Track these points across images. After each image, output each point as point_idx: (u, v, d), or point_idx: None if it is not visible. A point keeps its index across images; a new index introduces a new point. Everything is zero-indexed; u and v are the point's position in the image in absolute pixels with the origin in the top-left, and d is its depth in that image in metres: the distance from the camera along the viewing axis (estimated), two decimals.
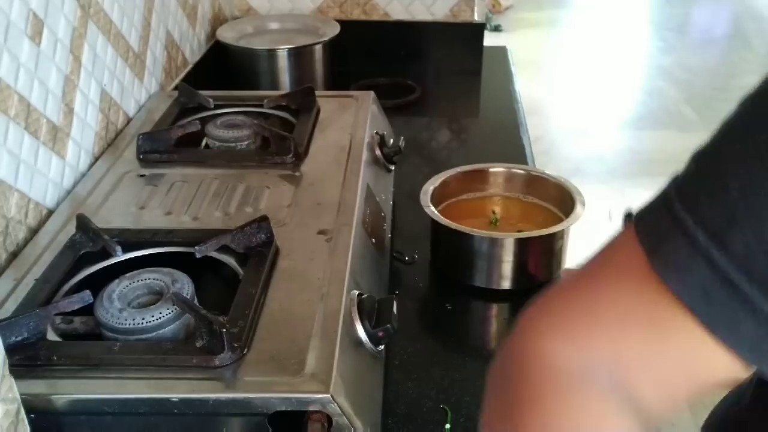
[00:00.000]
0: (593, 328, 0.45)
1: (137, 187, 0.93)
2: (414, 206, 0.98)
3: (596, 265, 0.47)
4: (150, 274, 0.72)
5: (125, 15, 1.15)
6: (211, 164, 0.99)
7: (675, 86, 4.53)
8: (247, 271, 0.74)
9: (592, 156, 3.70)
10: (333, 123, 1.10)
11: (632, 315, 0.43)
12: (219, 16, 1.64)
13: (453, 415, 0.75)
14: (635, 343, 0.43)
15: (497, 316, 0.94)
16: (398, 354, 0.83)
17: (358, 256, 0.80)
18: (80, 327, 0.70)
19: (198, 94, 1.16)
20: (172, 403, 0.60)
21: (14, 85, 0.85)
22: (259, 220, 0.78)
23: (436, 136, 1.42)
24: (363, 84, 1.53)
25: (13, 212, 0.84)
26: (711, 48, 5.32)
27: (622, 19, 5.85)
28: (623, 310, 0.44)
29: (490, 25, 5.12)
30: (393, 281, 0.94)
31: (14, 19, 0.85)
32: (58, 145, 0.95)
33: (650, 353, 0.43)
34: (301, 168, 0.97)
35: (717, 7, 6.24)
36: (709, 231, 0.39)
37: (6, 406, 0.48)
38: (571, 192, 0.99)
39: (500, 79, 1.65)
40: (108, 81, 1.09)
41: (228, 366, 0.63)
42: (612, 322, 0.44)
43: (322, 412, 0.60)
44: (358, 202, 0.88)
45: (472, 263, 0.94)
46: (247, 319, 0.66)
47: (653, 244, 0.42)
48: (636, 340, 0.43)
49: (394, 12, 1.68)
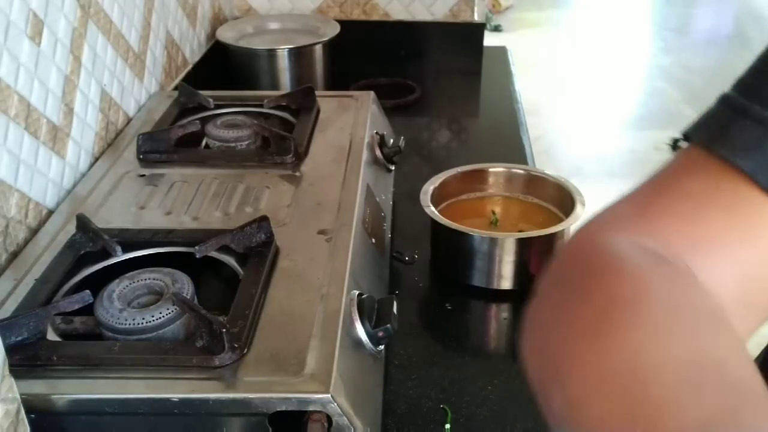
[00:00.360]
0: (669, 219, 0.41)
1: (137, 187, 0.93)
2: (414, 206, 0.98)
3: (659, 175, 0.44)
4: (150, 274, 0.72)
5: (125, 15, 1.15)
6: (211, 164, 0.99)
7: (675, 86, 4.53)
8: (247, 271, 0.74)
9: (592, 156, 3.70)
10: (333, 123, 1.10)
11: (709, 204, 0.41)
12: (219, 16, 1.64)
13: (453, 415, 0.75)
14: (716, 231, 0.40)
15: (497, 316, 0.94)
16: (398, 354, 0.83)
17: (358, 256, 0.80)
18: (80, 327, 0.70)
19: (198, 94, 1.16)
20: (172, 403, 0.60)
21: (14, 85, 0.85)
22: (259, 220, 0.78)
23: (436, 136, 1.42)
24: (363, 84, 1.53)
25: (13, 212, 0.84)
26: (711, 48, 5.32)
27: (622, 19, 5.85)
28: (699, 201, 0.41)
29: (490, 25, 5.12)
30: (393, 281, 0.94)
31: (14, 19, 0.85)
32: (58, 145, 0.95)
33: (724, 236, 0.40)
34: (301, 168, 0.97)
35: (717, 7, 6.23)
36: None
37: (6, 406, 0.48)
38: (571, 192, 0.99)
39: (500, 79, 1.65)
40: (108, 81, 1.09)
41: (228, 366, 0.63)
42: (688, 213, 0.41)
43: (322, 412, 0.60)
44: (358, 202, 0.88)
45: (472, 263, 0.94)
46: (247, 319, 0.66)
47: (715, 136, 0.41)
48: (717, 228, 0.40)
49: (394, 12, 1.68)
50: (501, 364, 0.84)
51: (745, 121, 0.40)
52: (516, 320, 0.93)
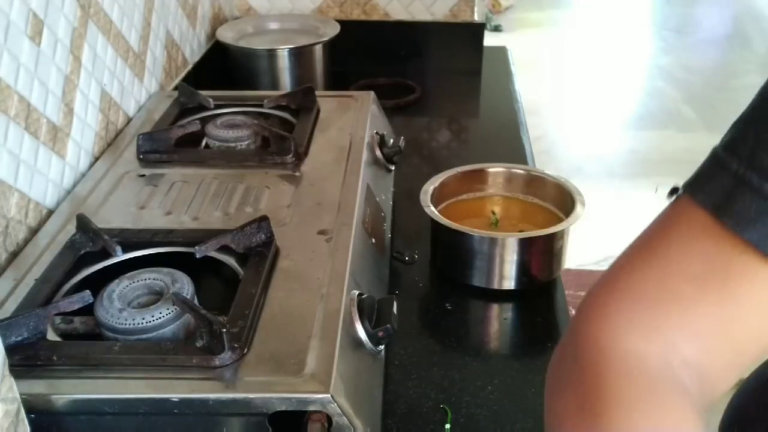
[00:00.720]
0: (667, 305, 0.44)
1: (137, 187, 0.93)
2: (414, 206, 0.98)
3: (655, 237, 0.47)
4: (150, 274, 0.72)
5: (125, 15, 1.15)
6: (211, 164, 0.99)
7: (675, 86, 4.53)
8: (247, 271, 0.74)
9: (592, 156, 3.70)
10: (333, 123, 1.10)
11: (706, 275, 0.44)
12: (219, 16, 1.64)
13: (453, 415, 0.75)
14: (711, 309, 0.44)
15: (497, 316, 0.94)
16: (398, 354, 0.83)
17: (358, 256, 0.80)
18: (80, 327, 0.70)
19: (198, 94, 1.16)
20: (172, 403, 0.60)
21: (14, 85, 0.85)
22: (259, 220, 0.78)
23: (436, 136, 1.42)
24: (363, 84, 1.53)
25: (13, 212, 0.84)
26: (711, 48, 5.32)
27: (622, 19, 5.85)
28: (696, 273, 0.44)
29: (490, 25, 5.12)
30: (393, 281, 0.94)
31: (14, 19, 0.85)
32: (58, 145, 0.95)
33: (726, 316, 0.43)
34: (301, 168, 0.97)
35: (717, 7, 6.23)
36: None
37: (6, 406, 0.48)
38: (571, 192, 0.99)
39: (500, 79, 1.65)
40: (108, 81, 1.09)
41: (228, 366, 0.63)
42: (685, 291, 0.44)
43: (322, 412, 0.60)
44: (358, 202, 0.88)
45: (472, 263, 0.94)
46: (247, 319, 0.66)
47: (719, 203, 0.43)
48: (712, 302, 0.44)
49: (394, 12, 1.68)
50: (501, 364, 0.84)
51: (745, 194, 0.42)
52: (516, 320, 0.93)
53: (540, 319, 0.92)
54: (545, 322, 0.92)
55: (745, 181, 0.42)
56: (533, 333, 0.90)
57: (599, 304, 0.48)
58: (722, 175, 0.43)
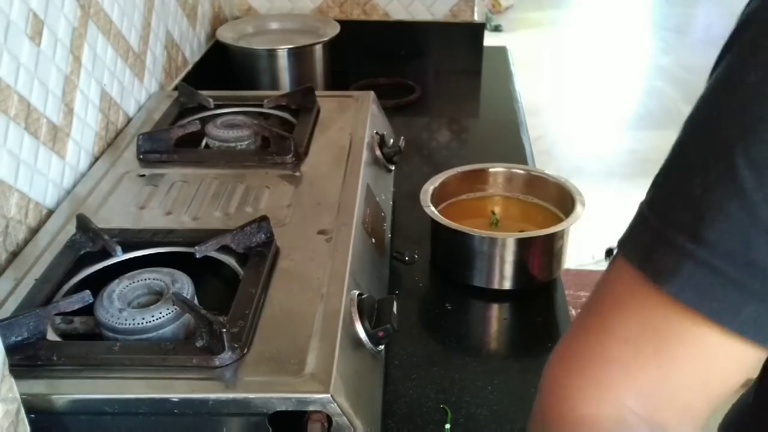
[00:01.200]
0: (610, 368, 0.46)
1: (137, 187, 0.93)
2: (414, 206, 0.98)
3: (598, 300, 0.48)
4: (150, 274, 0.72)
5: (125, 15, 1.15)
6: (211, 164, 0.99)
7: (674, 86, 4.52)
8: (247, 271, 0.74)
9: (592, 156, 3.70)
10: (333, 123, 1.10)
11: (642, 336, 0.44)
12: (219, 16, 1.64)
13: (453, 415, 0.75)
14: (650, 369, 0.44)
15: (497, 316, 0.94)
16: (398, 354, 0.83)
17: (358, 256, 0.80)
18: (80, 327, 0.70)
19: (198, 94, 1.16)
20: (172, 403, 0.60)
21: (14, 85, 0.85)
22: (259, 220, 0.78)
23: (436, 136, 1.42)
24: (363, 84, 1.53)
25: (13, 212, 0.84)
26: (711, 48, 5.25)
27: (622, 19, 5.85)
28: (633, 334, 0.45)
29: (490, 25, 5.13)
30: (393, 281, 0.94)
31: (14, 19, 0.85)
32: (58, 145, 0.95)
33: (665, 374, 0.44)
34: (301, 168, 0.97)
35: (717, 7, 6.23)
36: (685, 233, 0.42)
37: (6, 406, 0.48)
38: (571, 192, 0.99)
39: (500, 79, 1.65)
40: (108, 81, 1.09)
41: (228, 366, 0.63)
42: (625, 353, 0.45)
43: (322, 412, 0.60)
44: (358, 202, 0.88)
45: (472, 263, 0.94)
46: (247, 319, 0.66)
47: (642, 260, 0.44)
48: (650, 366, 0.44)
49: (394, 12, 1.68)
50: (501, 364, 0.84)
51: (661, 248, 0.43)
52: (516, 320, 0.93)
53: (540, 319, 0.92)
54: (545, 322, 0.92)
55: (662, 236, 0.43)
56: (533, 333, 0.90)
57: (556, 371, 0.49)
58: (643, 230, 0.45)
